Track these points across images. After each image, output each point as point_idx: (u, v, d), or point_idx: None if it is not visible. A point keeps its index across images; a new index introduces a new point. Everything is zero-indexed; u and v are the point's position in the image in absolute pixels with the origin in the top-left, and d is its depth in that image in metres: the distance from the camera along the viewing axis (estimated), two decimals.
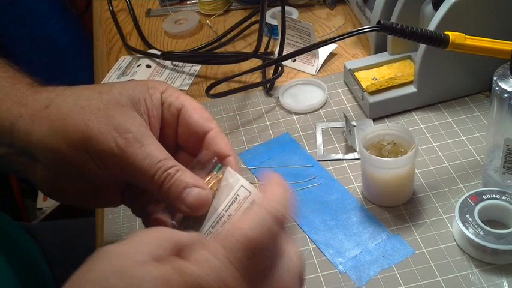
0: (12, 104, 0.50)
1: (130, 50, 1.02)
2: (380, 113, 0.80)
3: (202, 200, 0.45)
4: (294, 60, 0.93)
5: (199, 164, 0.49)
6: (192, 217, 0.46)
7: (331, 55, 0.93)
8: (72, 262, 0.39)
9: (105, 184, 0.52)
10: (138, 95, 0.50)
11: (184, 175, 0.46)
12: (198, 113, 0.51)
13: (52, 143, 0.48)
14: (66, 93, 0.50)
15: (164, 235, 0.38)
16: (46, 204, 1.72)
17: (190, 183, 0.46)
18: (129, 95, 0.49)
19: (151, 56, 0.98)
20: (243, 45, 1.00)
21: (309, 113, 0.83)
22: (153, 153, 0.47)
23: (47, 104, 0.49)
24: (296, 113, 0.83)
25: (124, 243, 0.38)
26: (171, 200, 0.46)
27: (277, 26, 0.95)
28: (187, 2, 1.13)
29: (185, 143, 0.53)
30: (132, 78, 0.93)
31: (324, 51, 0.92)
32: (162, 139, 0.51)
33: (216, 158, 0.49)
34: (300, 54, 0.82)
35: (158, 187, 0.46)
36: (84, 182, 0.51)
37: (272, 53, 0.96)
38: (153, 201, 0.49)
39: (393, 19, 0.81)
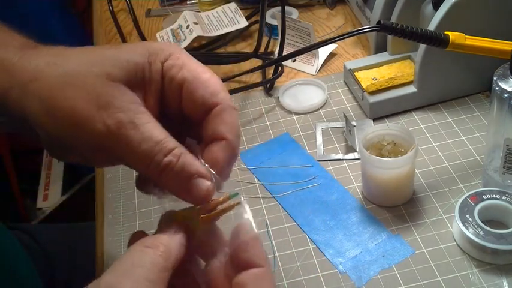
0: (1, 72, 0.46)
1: None
2: (380, 113, 0.80)
3: (209, 193, 0.43)
4: (294, 60, 0.93)
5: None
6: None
7: (331, 55, 0.93)
8: (73, 264, 0.39)
9: None
10: (135, 66, 0.45)
11: (188, 162, 0.43)
12: (202, 87, 0.45)
13: (42, 121, 0.45)
14: (55, 64, 0.45)
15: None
16: (46, 204, 1.72)
17: (194, 172, 0.43)
18: (123, 67, 0.44)
19: None
20: (243, 45, 1.00)
21: (309, 113, 0.83)
22: (149, 134, 0.42)
23: (34, 77, 0.45)
24: (296, 113, 0.83)
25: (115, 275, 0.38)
26: (173, 189, 0.44)
27: (277, 26, 0.95)
28: (187, 2, 1.13)
29: (193, 116, 0.47)
30: None
31: (324, 51, 0.92)
32: (165, 114, 0.47)
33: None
34: (300, 54, 0.82)
35: (158, 174, 0.43)
36: (88, 154, 0.47)
37: (272, 53, 0.96)
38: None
39: (393, 19, 0.81)
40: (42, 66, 0.45)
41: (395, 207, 0.68)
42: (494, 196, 0.64)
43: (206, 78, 0.45)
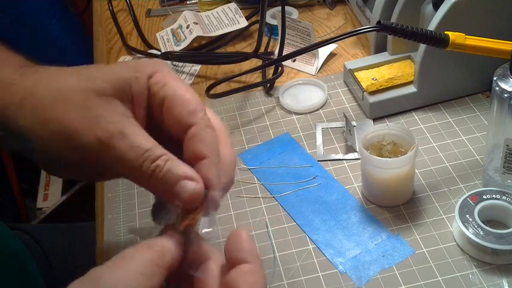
0: (1, 90, 0.49)
1: (131, 50, 1.02)
2: (380, 113, 0.80)
3: (196, 194, 0.43)
4: (294, 60, 0.93)
5: None
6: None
7: (331, 55, 0.93)
8: (73, 264, 0.39)
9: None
10: (123, 81, 0.47)
11: (174, 166, 0.44)
12: (181, 105, 0.46)
13: (37, 133, 0.47)
14: (48, 83, 0.48)
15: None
16: (46, 204, 1.72)
17: (182, 175, 0.44)
18: (112, 81, 0.46)
19: (151, 56, 0.98)
20: (243, 45, 1.00)
21: (309, 113, 0.83)
22: (137, 143, 0.44)
23: (30, 93, 0.48)
24: (296, 113, 0.83)
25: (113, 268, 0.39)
26: (162, 194, 0.45)
27: (277, 26, 0.95)
28: (187, 2, 1.13)
29: (174, 134, 0.48)
30: None
31: (324, 51, 0.92)
32: (151, 127, 0.48)
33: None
34: (300, 54, 0.82)
35: (147, 180, 0.44)
36: (79, 167, 0.49)
37: (272, 53, 0.96)
38: None
39: (393, 19, 0.81)
40: (37, 84, 0.48)
41: (395, 207, 0.68)
42: (494, 196, 0.64)
43: (186, 98, 0.46)
